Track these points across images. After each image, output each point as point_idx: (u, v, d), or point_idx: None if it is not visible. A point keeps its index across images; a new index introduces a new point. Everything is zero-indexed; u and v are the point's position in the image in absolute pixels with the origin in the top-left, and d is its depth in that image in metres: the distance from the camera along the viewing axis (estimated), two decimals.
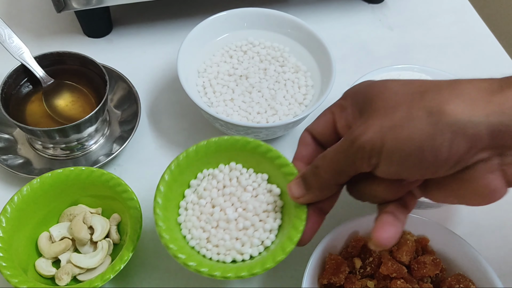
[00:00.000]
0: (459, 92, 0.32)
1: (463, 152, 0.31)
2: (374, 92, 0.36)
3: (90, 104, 0.56)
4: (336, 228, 0.44)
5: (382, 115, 0.34)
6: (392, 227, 0.36)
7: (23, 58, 0.54)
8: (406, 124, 0.32)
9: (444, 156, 0.31)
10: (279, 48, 0.62)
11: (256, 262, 0.41)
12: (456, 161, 0.31)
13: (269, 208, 0.45)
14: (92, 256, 0.47)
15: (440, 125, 0.31)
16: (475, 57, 0.71)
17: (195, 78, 0.59)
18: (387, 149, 0.33)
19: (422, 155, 0.32)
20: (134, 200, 0.47)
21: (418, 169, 0.33)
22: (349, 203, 0.54)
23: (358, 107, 0.38)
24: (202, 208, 0.45)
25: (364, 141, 0.34)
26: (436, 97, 0.32)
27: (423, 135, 0.31)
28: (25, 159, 0.55)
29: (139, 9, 0.72)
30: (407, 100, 0.33)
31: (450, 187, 0.34)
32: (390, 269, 0.43)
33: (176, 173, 0.44)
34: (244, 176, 0.46)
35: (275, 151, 0.45)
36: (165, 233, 0.41)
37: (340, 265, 0.43)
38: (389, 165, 0.33)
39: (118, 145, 0.56)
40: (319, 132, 0.42)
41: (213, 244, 0.44)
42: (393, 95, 0.34)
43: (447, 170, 0.32)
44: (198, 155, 0.45)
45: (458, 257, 0.45)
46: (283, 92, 0.58)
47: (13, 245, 0.45)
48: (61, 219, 0.50)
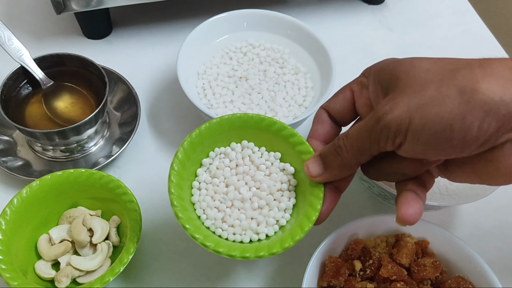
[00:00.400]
0: (491, 71, 0.31)
1: (493, 131, 0.31)
2: (402, 69, 0.35)
3: (90, 106, 0.56)
4: (336, 231, 0.44)
5: (411, 93, 0.33)
6: (417, 203, 0.36)
7: (23, 60, 0.54)
8: (436, 103, 0.31)
9: (473, 135, 0.31)
10: (279, 49, 0.62)
11: (275, 242, 0.40)
12: (484, 140, 0.31)
13: (283, 187, 0.44)
14: (91, 259, 0.47)
15: (472, 104, 0.30)
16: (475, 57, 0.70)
17: (194, 80, 0.59)
18: (414, 128, 0.32)
19: (451, 134, 0.31)
20: (134, 202, 0.47)
21: (445, 148, 0.32)
22: (348, 206, 0.55)
23: (382, 85, 0.37)
24: (216, 188, 0.44)
25: (390, 119, 0.33)
26: (468, 76, 0.31)
27: (454, 113, 0.31)
28: (25, 161, 0.55)
29: (139, 10, 0.72)
30: (437, 78, 0.33)
31: (473, 167, 0.34)
32: (390, 271, 0.43)
33: (189, 150, 0.43)
34: (256, 154, 0.46)
35: (290, 128, 0.44)
36: (181, 213, 0.40)
37: (340, 267, 0.43)
38: (415, 144, 0.33)
39: (118, 147, 0.56)
40: (336, 110, 0.42)
41: (229, 224, 0.43)
42: (422, 73, 0.34)
43: (474, 149, 0.32)
44: (211, 132, 0.44)
45: (458, 260, 0.45)
46: (283, 94, 0.57)
47: (12, 247, 0.45)
48: (61, 222, 0.50)
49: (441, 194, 0.48)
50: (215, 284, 0.49)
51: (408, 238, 0.45)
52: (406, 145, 0.33)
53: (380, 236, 0.46)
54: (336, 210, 0.54)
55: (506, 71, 0.31)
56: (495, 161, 0.32)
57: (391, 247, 0.46)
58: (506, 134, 0.31)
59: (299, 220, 0.40)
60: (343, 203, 0.55)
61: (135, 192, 0.49)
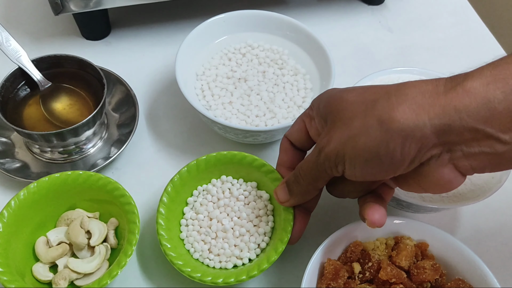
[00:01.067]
0: (405, 97, 0.35)
1: (415, 152, 0.35)
2: (334, 103, 0.40)
3: (88, 108, 0.55)
4: (335, 233, 0.44)
5: (341, 126, 0.38)
6: (379, 209, 0.41)
7: (21, 61, 0.54)
8: (362, 133, 0.36)
9: (398, 158, 0.35)
10: (278, 50, 0.61)
11: (253, 265, 0.45)
12: (410, 160, 0.35)
13: (261, 213, 0.49)
14: (89, 261, 0.47)
15: (390, 132, 0.34)
16: (475, 59, 0.70)
17: (193, 81, 0.59)
18: (349, 157, 0.37)
19: (379, 160, 0.36)
20: (132, 204, 0.47)
21: (379, 171, 0.37)
22: (347, 208, 0.55)
23: (322, 117, 0.41)
24: (201, 222, 0.49)
25: (328, 151, 0.38)
26: (385, 105, 0.35)
27: (377, 142, 0.35)
28: (23, 163, 0.55)
29: (138, 11, 0.71)
30: (361, 110, 0.37)
31: (414, 179, 0.38)
32: (389, 274, 0.42)
33: (173, 194, 0.49)
34: (235, 186, 0.51)
35: (260, 160, 0.50)
36: (171, 251, 0.45)
37: (339, 270, 0.42)
38: (353, 170, 0.38)
39: (116, 149, 0.56)
40: (295, 138, 0.46)
41: (215, 254, 0.48)
42: (350, 106, 0.38)
43: (405, 169, 0.36)
44: (191, 174, 0.50)
45: (458, 262, 0.45)
46: (282, 95, 0.57)
47: (10, 250, 0.45)
48: (59, 224, 0.49)
49: (441, 196, 0.48)
50: None
51: (408, 241, 0.45)
52: (347, 171, 0.38)
53: (379, 238, 0.46)
54: (334, 210, 0.54)
55: (418, 97, 0.34)
56: (426, 174, 0.36)
57: (390, 250, 0.45)
58: (428, 152, 0.35)
59: (273, 243, 0.46)
60: (342, 205, 0.55)
61: (133, 194, 0.48)
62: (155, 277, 0.49)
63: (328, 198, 0.55)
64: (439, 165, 0.36)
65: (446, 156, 0.35)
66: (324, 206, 0.55)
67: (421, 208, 0.48)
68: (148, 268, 0.50)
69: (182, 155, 0.58)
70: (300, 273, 0.43)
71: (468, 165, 0.35)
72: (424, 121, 0.33)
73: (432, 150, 0.35)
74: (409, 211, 0.51)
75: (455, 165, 0.36)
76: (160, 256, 0.50)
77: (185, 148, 0.59)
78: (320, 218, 0.54)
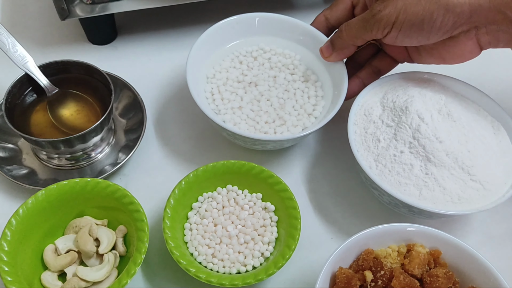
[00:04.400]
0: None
1: (451, 24, 0.46)
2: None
3: (95, 113, 0.55)
4: (346, 241, 0.43)
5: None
6: (359, 85, 0.56)
7: (27, 67, 0.53)
8: (414, 3, 0.46)
9: (437, 27, 0.47)
10: (290, 55, 0.60)
11: (261, 270, 0.46)
12: (445, 31, 0.47)
13: (266, 223, 0.50)
14: (98, 269, 0.46)
15: (438, 4, 0.46)
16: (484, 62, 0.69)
17: (203, 84, 0.58)
18: (399, 21, 0.47)
19: (422, 26, 0.47)
20: (141, 212, 0.47)
21: (417, 36, 0.48)
22: (358, 215, 0.54)
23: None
24: (205, 227, 0.50)
25: (383, 14, 0.48)
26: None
27: (425, 11, 0.46)
28: (30, 170, 0.54)
29: (144, 16, 0.71)
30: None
31: (438, 52, 0.50)
32: (402, 282, 0.42)
33: (180, 197, 0.49)
34: (240, 196, 0.52)
35: (268, 171, 0.51)
36: (175, 250, 0.46)
37: (351, 279, 0.42)
38: (397, 32, 0.48)
39: (124, 154, 0.56)
40: (337, 16, 0.57)
41: (219, 259, 0.48)
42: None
43: (438, 38, 0.48)
44: (198, 179, 0.50)
45: (471, 270, 0.44)
46: (292, 102, 0.56)
47: (18, 258, 0.45)
48: (67, 231, 0.49)
49: (453, 202, 0.48)
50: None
51: (420, 248, 0.44)
52: (391, 33, 0.49)
53: (392, 246, 0.45)
54: (345, 217, 0.54)
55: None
56: (453, 46, 0.49)
57: (402, 257, 0.45)
58: (459, 27, 0.47)
59: (281, 249, 0.47)
60: (353, 211, 0.55)
61: (142, 200, 0.48)
62: (164, 284, 0.49)
63: (340, 203, 0.55)
64: (466, 38, 0.48)
65: (473, 32, 0.47)
66: (335, 211, 0.54)
67: (434, 214, 0.47)
68: (158, 275, 0.49)
69: (190, 161, 0.58)
70: (311, 280, 0.43)
71: (487, 40, 0.48)
72: (465, 0, 0.45)
73: (463, 26, 0.47)
74: (421, 217, 0.50)
75: (477, 39, 0.48)
76: (169, 264, 0.49)
77: (193, 154, 0.58)
78: (331, 223, 0.54)
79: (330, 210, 0.54)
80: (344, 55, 0.55)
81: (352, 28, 0.51)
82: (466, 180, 0.48)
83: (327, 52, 0.55)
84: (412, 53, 0.54)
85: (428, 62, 0.53)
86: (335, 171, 0.58)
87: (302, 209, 0.50)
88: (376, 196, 0.52)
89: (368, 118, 0.52)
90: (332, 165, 0.58)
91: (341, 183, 0.57)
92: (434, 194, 0.48)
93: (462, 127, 0.50)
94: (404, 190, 0.48)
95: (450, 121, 0.50)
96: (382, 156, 0.50)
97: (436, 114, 0.50)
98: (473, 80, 0.57)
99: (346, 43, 0.53)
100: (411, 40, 0.49)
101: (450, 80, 0.56)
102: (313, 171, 0.58)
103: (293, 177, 0.57)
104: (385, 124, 0.51)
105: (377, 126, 0.52)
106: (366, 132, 0.52)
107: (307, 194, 0.56)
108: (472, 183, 0.48)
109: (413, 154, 0.49)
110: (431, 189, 0.48)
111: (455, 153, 0.48)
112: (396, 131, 0.50)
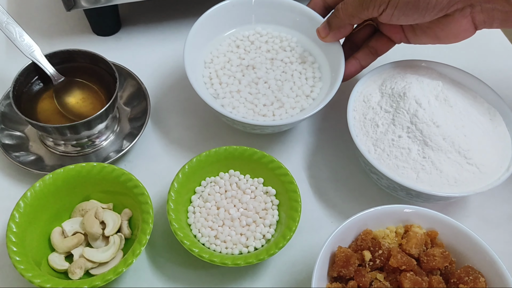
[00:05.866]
0: None
1: (446, 2, 0.46)
2: None
3: (100, 101, 0.56)
4: (346, 222, 0.45)
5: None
6: (356, 66, 0.57)
7: (34, 56, 0.55)
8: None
9: (433, 4, 0.47)
10: (286, 38, 0.61)
11: (262, 250, 0.47)
12: (441, 8, 0.47)
13: (267, 207, 0.51)
14: (104, 251, 0.48)
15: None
16: (482, 52, 0.70)
17: (201, 70, 0.59)
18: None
19: (418, 3, 0.47)
20: (145, 195, 0.48)
21: (413, 13, 0.48)
22: (358, 198, 0.55)
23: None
24: (208, 210, 0.51)
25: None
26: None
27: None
28: (37, 156, 0.56)
29: (148, 7, 0.72)
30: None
31: (433, 31, 0.51)
32: (399, 261, 0.43)
33: (183, 181, 0.50)
34: (242, 181, 0.53)
35: (269, 156, 0.52)
36: (179, 231, 0.47)
37: (350, 257, 0.43)
38: (393, 9, 0.48)
39: (128, 142, 0.57)
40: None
41: (221, 240, 0.50)
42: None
43: (433, 15, 0.48)
44: (200, 164, 0.52)
45: (467, 250, 0.45)
46: (290, 84, 0.57)
47: (26, 239, 0.46)
48: (73, 214, 0.50)
49: (450, 185, 0.49)
50: (227, 275, 0.50)
51: (417, 229, 0.46)
52: (387, 11, 0.49)
53: (389, 227, 0.47)
54: (345, 202, 0.55)
55: None
56: (448, 25, 0.49)
57: (400, 238, 0.46)
58: (455, 5, 0.47)
59: (282, 230, 0.48)
60: (353, 195, 0.56)
61: (146, 186, 0.49)
62: (169, 266, 0.50)
63: (340, 188, 0.56)
64: (461, 16, 0.48)
65: (468, 10, 0.48)
66: (335, 196, 0.56)
67: (431, 197, 0.49)
68: (162, 257, 0.50)
69: (192, 148, 0.59)
70: (311, 261, 0.44)
71: (482, 19, 0.48)
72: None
73: (458, 4, 0.47)
74: (418, 200, 0.51)
75: (472, 17, 0.48)
76: (173, 245, 0.51)
77: (195, 141, 0.59)
78: (331, 207, 0.55)
79: (330, 195, 0.56)
80: (341, 35, 0.56)
81: (349, 6, 0.52)
82: (463, 164, 0.49)
83: (324, 32, 0.56)
84: (408, 33, 0.54)
85: (423, 42, 0.54)
86: (334, 157, 0.59)
87: (303, 194, 0.52)
88: (375, 180, 0.53)
89: (367, 104, 0.54)
90: (331, 151, 0.59)
91: (341, 169, 0.58)
92: (431, 177, 0.49)
93: (459, 112, 0.51)
94: (402, 173, 0.49)
95: (447, 107, 0.51)
96: (380, 140, 0.51)
97: (433, 99, 0.51)
98: (471, 69, 0.58)
99: (342, 22, 0.54)
100: (406, 18, 0.49)
101: (447, 68, 0.57)
102: (313, 157, 0.59)
103: (293, 163, 0.58)
104: (384, 109, 0.52)
105: (376, 112, 0.53)
106: (365, 118, 0.53)
107: (307, 180, 0.57)
108: (468, 166, 0.49)
109: (411, 139, 0.50)
110: (428, 172, 0.49)
111: (451, 137, 0.49)
112: (394, 117, 0.51)
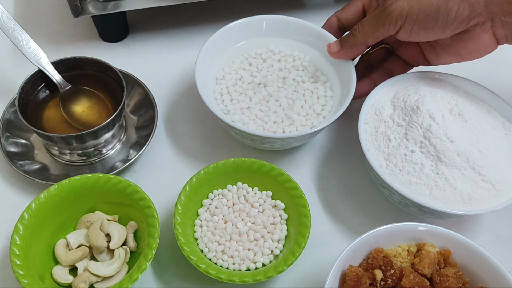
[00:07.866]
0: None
1: (466, 15, 0.46)
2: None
3: (107, 110, 0.56)
4: (357, 240, 0.44)
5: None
6: (370, 85, 0.55)
7: (41, 63, 0.54)
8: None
9: (453, 17, 0.46)
10: (299, 57, 0.61)
11: (270, 267, 0.46)
12: (460, 21, 0.46)
13: (276, 221, 0.50)
14: (109, 264, 0.47)
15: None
16: (495, 63, 0.69)
17: (212, 85, 0.58)
18: (412, 12, 0.47)
19: (438, 16, 0.46)
20: (152, 208, 0.47)
21: (432, 27, 0.47)
22: (369, 214, 0.54)
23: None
24: (215, 224, 0.50)
25: (395, 7, 0.47)
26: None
27: (440, 0, 0.46)
28: (42, 165, 0.55)
29: (156, 14, 0.71)
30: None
31: (455, 48, 0.50)
32: (412, 282, 0.42)
33: (190, 193, 0.49)
34: (250, 194, 0.52)
35: (278, 169, 0.51)
36: (186, 246, 0.46)
37: (361, 277, 0.42)
38: (411, 24, 0.47)
39: (135, 151, 0.56)
40: (348, 18, 0.57)
41: (229, 255, 0.49)
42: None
43: (453, 29, 0.47)
44: (208, 176, 0.51)
45: (481, 270, 0.44)
46: (301, 102, 0.56)
47: (30, 252, 0.45)
48: (78, 226, 0.50)
49: (464, 202, 0.48)
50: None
51: (430, 248, 0.44)
52: (405, 26, 0.48)
53: (401, 245, 0.45)
54: (355, 216, 0.54)
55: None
56: (469, 40, 0.48)
57: (412, 257, 0.45)
58: (475, 19, 0.46)
59: (291, 247, 0.47)
60: (363, 209, 0.55)
61: (152, 197, 0.48)
62: (175, 281, 0.49)
63: (349, 202, 0.55)
64: (482, 31, 0.47)
65: (489, 24, 0.47)
66: (344, 210, 0.55)
67: (444, 214, 0.47)
68: (168, 271, 0.50)
69: (199, 158, 0.58)
70: (320, 278, 0.43)
71: (503, 33, 0.47)
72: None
73: (479, 17, 0.46)
74: (431, 217, 0.50)
75: (494, 32, 0.47)
76: (179, 260, 0.50)
77: (202, 152, 0.59)
78: (340, 222, 0.54)
79: (339, 209, 0.55)
80: (352, 54, 0.54)
81: (365, 25, 0.51)
82: (477, 180, 0.48)
83: (334, 48, 0.55)
84: (429, 54, 0.53)
85: (445, 61, 0.52)
86: (345, 170, 0.58)
87: (312, 207, 0.50)
88: (386, 195, 0.52)
89: (378, 117, 0.53)
90: (342, 164, 0.58)
91: (351, 182, 0.57)
92: (444, 194, 0.48)
93: (473, 127, 0.50)
94: (415, 189, 0.48)
95: (461, 121, 0.50)
96: (392, 155, 0.50)
97: (447, 114, 0.50)
98: (484, 82, 0.56)
99: (357, 41, 0.52)
100: (427, 32, 0.48)
101: (461, 80, 0.56)
102: (323, 169, 0.58)
103: (302, 176, 0.57)
104: (396, 123, 0.51)
105: (388, 125, 0.52)
106: (376, 131, 0.52)
107: (317, 193, 0.56)
108: (482, 183, 0.48)
109: (424, 154, 0.49)
110: (442, 189, 0.48)
111: (466, 153, 0.48)
112: (407, 131, 0.50)
